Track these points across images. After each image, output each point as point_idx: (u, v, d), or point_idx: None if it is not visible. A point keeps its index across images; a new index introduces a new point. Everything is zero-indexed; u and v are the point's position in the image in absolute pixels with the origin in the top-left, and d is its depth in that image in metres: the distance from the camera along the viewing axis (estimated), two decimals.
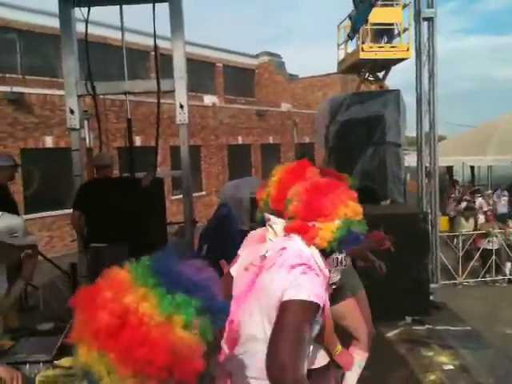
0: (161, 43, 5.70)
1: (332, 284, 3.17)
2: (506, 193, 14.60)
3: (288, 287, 1.69)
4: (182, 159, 5.54)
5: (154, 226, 4.95)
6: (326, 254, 1.87)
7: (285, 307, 1.68)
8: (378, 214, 4.33)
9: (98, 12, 5.69)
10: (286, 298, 1.68)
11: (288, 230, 1.89)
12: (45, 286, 6.81)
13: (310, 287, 1.69)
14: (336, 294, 3.32)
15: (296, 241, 1.84)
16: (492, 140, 15.61)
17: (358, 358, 3.47)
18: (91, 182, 5.58)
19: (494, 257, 9.99)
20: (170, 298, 1.01)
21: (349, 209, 1.82)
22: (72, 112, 5.52)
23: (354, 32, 9.24)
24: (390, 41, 11.32)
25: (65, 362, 2.50)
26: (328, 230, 1.79)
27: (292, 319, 1.65)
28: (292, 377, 1.54)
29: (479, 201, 12.71)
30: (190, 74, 5.74)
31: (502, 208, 13.83)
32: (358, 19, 8.47)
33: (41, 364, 2.51)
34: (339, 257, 3.40)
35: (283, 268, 1.75)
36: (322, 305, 1.71)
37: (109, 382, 0.97)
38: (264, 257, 1.87)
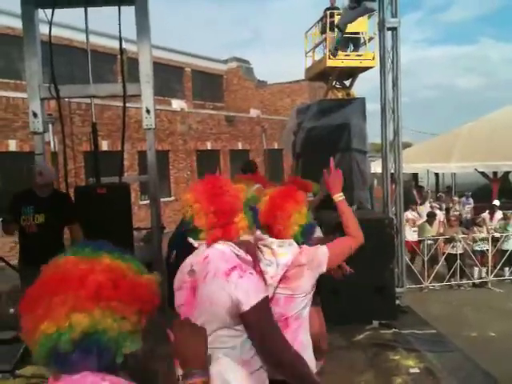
0: (129, 47, 5.63)
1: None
2: (470, 200, 14.98)
3: (238, 298, 1.80)
4: (149, 164, 5.47)
5: (119, 232, 4.85)
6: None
7: (248, 317, 1.81)
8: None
9: (63, 14, 5.59)
10: (244, 310, 1.80)
11: (211, 239, 2.01)
12: (8, 293, 6.61)
13: (254, 288, 1.84)
14: None
15: (214, 246, 1.95)
16: (456, 147, 15.97)
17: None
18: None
19: (458, 261, 10.19)
20: (125, 257, 1.26)
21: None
22: (35, 115, 5.39)
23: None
24: (356, 49, 11.46)
25: (27, 370, 2.43)
26: (241, 220, 2.01)
27: (262, 323, 1.84)
28: (289, 361, 1.86)
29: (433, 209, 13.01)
30: (158, 78, 5.69)
31: (466, 214, 14.19)
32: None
33: (0, 375, 2.44)
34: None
35: (219, 277, 1.84)
36: (267, 293, 1.92)
37: (116, 327, 1.14)
38: (192, 271, 1.95)
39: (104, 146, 14.66)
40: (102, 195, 5.13)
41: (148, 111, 5.32)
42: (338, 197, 2.47)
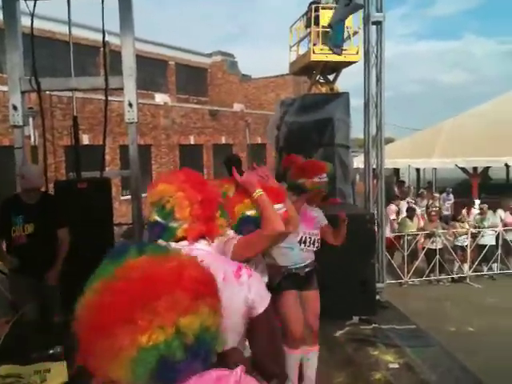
0: (112, 39, 5.58)
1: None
2: (451, 196, 15.15)
3: (254, 300, 1.69)
4: (131, 159, 5.42)
5: (99, 228, 4.82)
6: None
7: (262, 320, 1.71)
8: (326, 214, 4.38)
9: (46, 6, 5.50)
10: (259, 312, 1.70)
11: (196, 235, 1.89)
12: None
13: (263, 287, 1.78)
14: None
15: (203, 244, 1.84)
16: (437, 143, 16.11)
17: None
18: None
19: (437, 256, 10.31)
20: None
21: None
22: (15, 109, 5.31)
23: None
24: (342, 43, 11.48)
25: (1, 370, 2.40)
26: (220, 217, 1.94)
27: (273, 327, 1.79)
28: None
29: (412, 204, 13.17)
30: (141, 71, 5.64)
31: (446, 211, 14.35)
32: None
33: None
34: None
35: (229, 281, 1.68)
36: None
37: (215, 324, 1.06)
38: None
39: (85, 139, 14.52)
40: (83, 190, 5.08)
41: (130, 105, 5.27)
42: (257, 193, 2.32)
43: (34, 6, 5.25)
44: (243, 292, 1.67)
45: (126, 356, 0.96)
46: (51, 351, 2.68)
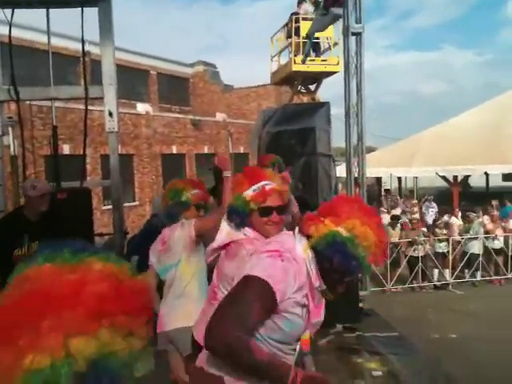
0: (93, 49, 5.55)
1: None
2: (433, 204, 15.29)
3: (250, 266, 1.75)
4: (112, 168, 5.39)
5: (79, 238, 4.75)
6: (319, 258, 1.81)
7: (239, 281, 1.72)
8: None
9: (26, 15, 5.46)
10: (243, 274, 1.73)
11: (300, 219, 2.00)
12: None
13: (266, 267, 1.70)
14: None
15: (284, 236, 1.91)
16: (418, 152, 16.30)
17: None
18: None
19: (420, 264, 10.38)
20: (113, 257, 1.04)
21: (360, 227, 1.75)
22: None
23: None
24: (317, 55, 11.59)
25: None
26: (327, 227, 1.76)
27: (240, 290, 1.69)
28: (221, 341, 1.59)
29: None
30: (123, 81, 5.62)
31: (430, 218, 14.46)
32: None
33: None
34: None
35: (255, 254, 1.82)
36: (276, 287, 1.68)
37: (126, 347, 0.91)
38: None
39: (66, 149, 14.38)
40: (63, 200, 5.01)
41: (111, 114, 5.25)
42: (227, 173, 3.08)
43: (12, 14, 5.20)
44: (250, 262, 1.79)
45: (7, 378, 0.83)
46: None
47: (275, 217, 2.35)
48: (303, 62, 10.89)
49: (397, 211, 13.46)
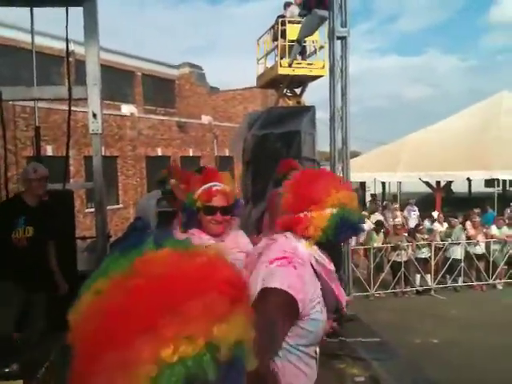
0: (78, 49, 5.49)
1: None
2: (415, 208, 15.41)
3: (263, 278, 1.70)
4: (95, 170, 5.32)
5: (60, 241, 4.68)
6: (325, 246, 1.82)
7: (258, 295, 1.66)
8: None
9: (10, 14, 5.39)
10: (259, 288, 1.67)
11: (280, 226, 1.86)
12: None
13: (283, 277, 1.68)
14: None
15: (283, 238, 1.83)
16: (402, 157, 16.43)
17: None
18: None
19: (402, 269, 10.43)
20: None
21: (341, 195, 1.78)
22: None
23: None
24: (302, 58, 11.63)
25: None
26: (321, 217, 1.75)
27: (262, 306, 1.60)
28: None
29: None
30: (107, 82, 5.57)
31: (413, 222, 14.55)
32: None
33: None
34: None
35: (262, 265, 1.75)
36: (298, 297, 1.67)
37: (249, 336, 0.83)
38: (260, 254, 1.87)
39: (49, 150, 14.22)
40: (45, 202, 4.93)
41: (94, 115, 5.19)
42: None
43: None
44: (263, 275, 1.73)
45: (143, 373, 0.74)
46: (7, 369, 2.56)
47: (218, 216, 2.48)
48: (290, 65, 10.92)
49: (377, 216, 13.50)
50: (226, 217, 2.51)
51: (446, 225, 11.83)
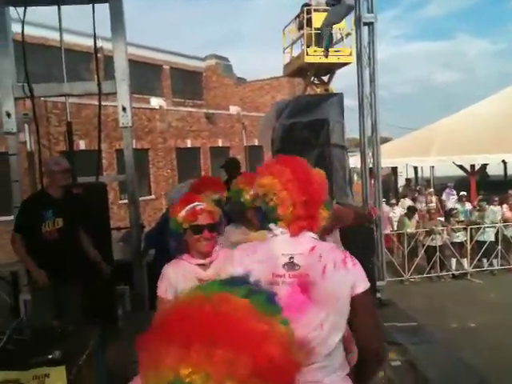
0: (106, 45, 5.57)
1: None
2: (454, 191, 15.12)
3: (354, 282, 1.80)
4: (126, 163, 5.43)
5: (96, 232, 4.78)
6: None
7: (361, 298, 1.80)
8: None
9: (39, 13, 5.51)
10: (358, 292, 1.79)
11: (298, 230, 1.87)
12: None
13: (364, 273, 1.86)
14: None
15: (309, 235, 1.88)
16: (434, 141, 16.11)
17: None
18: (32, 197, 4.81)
19: (437, 253, 10.29)
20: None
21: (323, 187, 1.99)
22: (8, 115, 5.30)
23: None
24: (331, 45, 11.52)
25: (0, 376, 2.38)
26: (323, 210, 1.93)
27: (371, 307, 1.88)
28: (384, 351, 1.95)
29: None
30: (136, 76, 5.65)
31: (451, 205, 14.27)
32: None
33: None
34: None
35: (339, 268, 1.80)
36: None
37: None
38: (293, 264, 1.81)
39: (82, 145, 14.49)
40: (78, 195, 5.05)
41: (124, 109, 5.27)
42: None
43: (25, 12, 5.24)
44: (349, 277, 1.79)
45: (163, 374, 0.88)
46: (50, 356, 2.65)
47: (206, 233, 2.53)
48: (325, 55, 10.75)
49: (407, 201, 13.32)
50: (213, 234, 2.57)
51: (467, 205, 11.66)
